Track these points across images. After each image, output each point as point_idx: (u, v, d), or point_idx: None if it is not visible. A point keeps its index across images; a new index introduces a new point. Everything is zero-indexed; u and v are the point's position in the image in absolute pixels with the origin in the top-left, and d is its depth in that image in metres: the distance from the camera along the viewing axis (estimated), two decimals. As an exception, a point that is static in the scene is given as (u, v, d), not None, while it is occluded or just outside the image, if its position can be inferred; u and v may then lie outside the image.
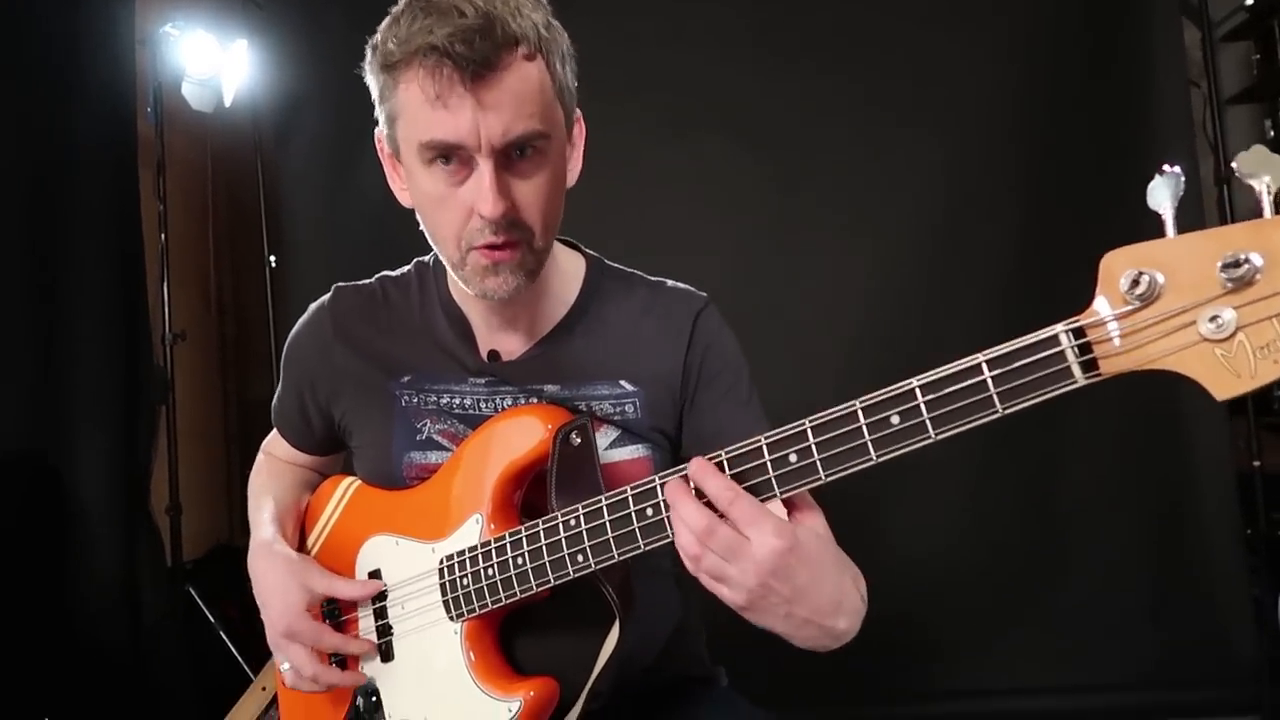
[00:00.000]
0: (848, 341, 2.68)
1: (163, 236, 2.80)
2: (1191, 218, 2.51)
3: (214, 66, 2.82)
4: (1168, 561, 2.65)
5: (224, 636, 2.80)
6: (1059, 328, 0.70)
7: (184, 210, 3.20)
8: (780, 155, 2.74)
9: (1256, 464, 2.68)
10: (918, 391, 0.76)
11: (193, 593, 2.82)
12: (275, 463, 1.34)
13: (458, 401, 1.17)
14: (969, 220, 2.67)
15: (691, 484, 0.86)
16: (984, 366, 0.73)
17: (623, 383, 1.16)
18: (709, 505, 0.84)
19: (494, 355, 1.18)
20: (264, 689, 1.36)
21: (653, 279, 1.24)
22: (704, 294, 1.23)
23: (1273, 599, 2.59)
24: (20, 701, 2.20)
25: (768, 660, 1.39)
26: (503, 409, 1.15)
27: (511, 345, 1.18)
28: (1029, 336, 0.71)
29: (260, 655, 2.82)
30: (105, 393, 2.61)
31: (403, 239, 1.27)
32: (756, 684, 1.36)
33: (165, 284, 2.81)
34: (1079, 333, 0.70)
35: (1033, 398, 0.71)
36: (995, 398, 0.72)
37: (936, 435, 0.75)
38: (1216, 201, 2.67)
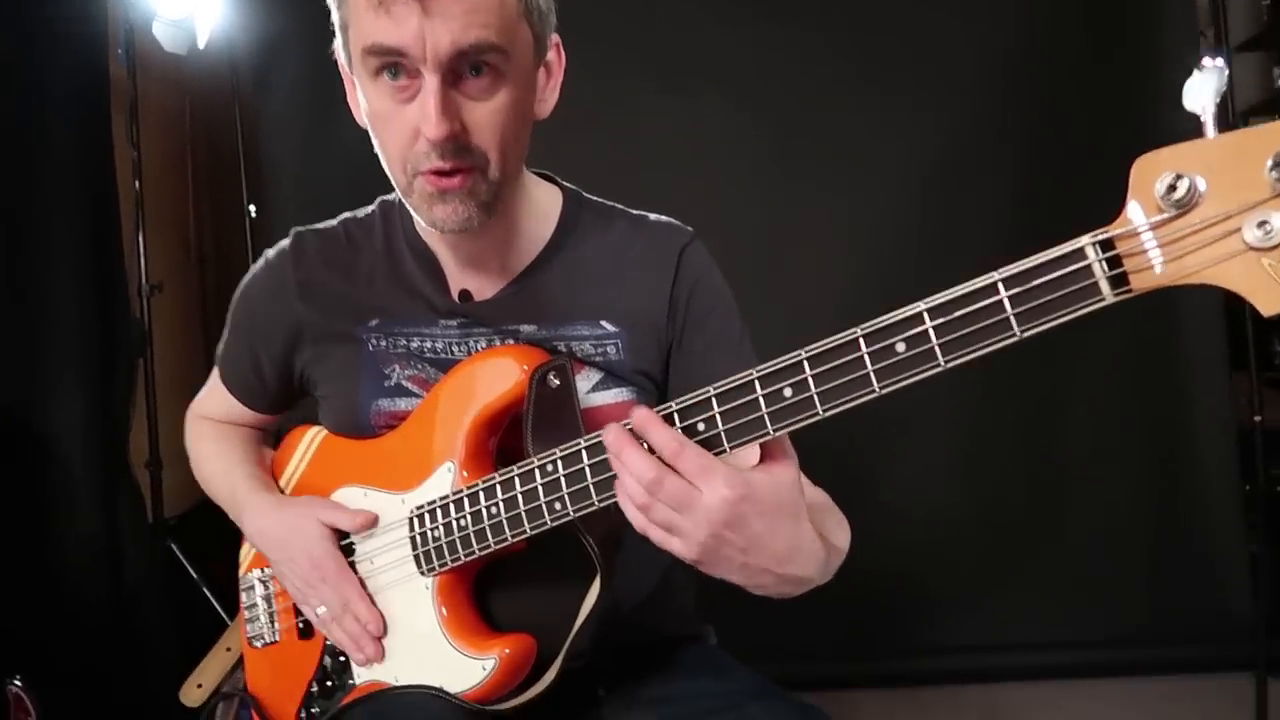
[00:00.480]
0: (839, 294, 2.63)
1: (137, 184, 2.70)
2: None
3: (187, 6, 2.71)
4: (1165, 516, 2.65)
5: (208, 593, 2.76)
6: (1085, 240, 0.63)
7: (161, 158, 3.10)
8: (773, 110, 2.67)
9: (1258, 419, 2.65)
10: (925, 315, 0.69)
11: (175, 549, 2.76)
12: (216, 426, 1.28)
13: (428, 345, 1.10)
14: (965, 172, 2.62)
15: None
16: (1000, 286, 0.66)
17: (604, 323, 1.09)
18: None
19: (465, 295, 1.11)
20: (229, 650, 1.30)
21: (634, 212, 1.17)
22: (689, 228, 1.16)
23: (1270, 555, 2.58)
24: (-2, 660, 2.15)
25: (756, 617, 1.35)
26: (476, 350, 1.08)
27: (484, 284, 1.11)
28: (1050, 251, 0.64)
29: (244, 613, 2.79)
30: (81, 346, 2.51)
31: (385, 188, 1.21)
32: (745, 640, 1.32)
33: (141, 233, 2.71)
34: (1107, 244, 0.63)
35: (1055, 318, 0.64)
36: (1012, 319, 0.66)
37: (947, 362, 0.68)
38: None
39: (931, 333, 0.69)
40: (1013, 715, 2.43)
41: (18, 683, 1.82)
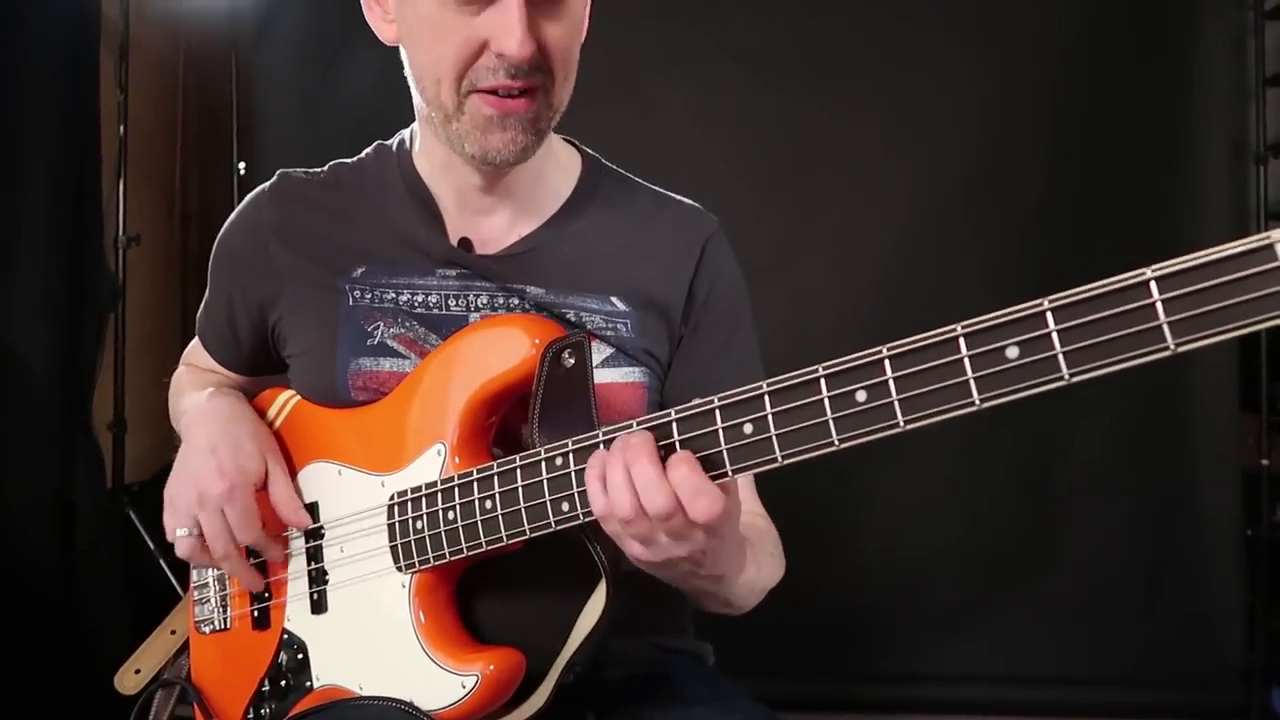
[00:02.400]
0: (855, 296, 2.57)
1: (121, 129, 2.58)
2: (1228, 198, 2.47)
3: (186, -57, 2.59)
4: (1162, 556, 2.61)
5: (164, 566, 2.63)
6: (1275, 235, 0.50)
7: (149, 105, 2.97)
8: (796, 99, 2.59)
9: (1265, 462, 2.60)
10: (1049, 316, 0.57)
11: (133, 517, 2.63)
12: (199, 372, 1.16)
13: (420, 299, 0.99)
14: (994, 179, 2.57)
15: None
16: (1153, 286, 0.54)
17: (614, 299, 0.99)
18: None
19: (465, 244, 1.00)
20: (173, 632, 1.18)
21: (657, 189, 1.09)
22: (715, 217, 1.08)
23: (1268, 605, 2.52)
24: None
25: (752, 636, 1.29)
26: (477, 306, 0.97)
27: (489, 233, 1.01)
28: (1223, 248, 0.51)
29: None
30: (48, 294, 2.39)
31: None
32: (740, 659, 1.24)
33: (122, 181, 2.58)
34: None
35: (1224, 330, 0.52)
36: (1166, 329, 0.53)
37: (1072, 376, 0.57)
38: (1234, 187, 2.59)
39: (1055, 336, 0.57)
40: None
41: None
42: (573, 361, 0.82)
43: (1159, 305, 0.54)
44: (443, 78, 0.88)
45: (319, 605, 0.95)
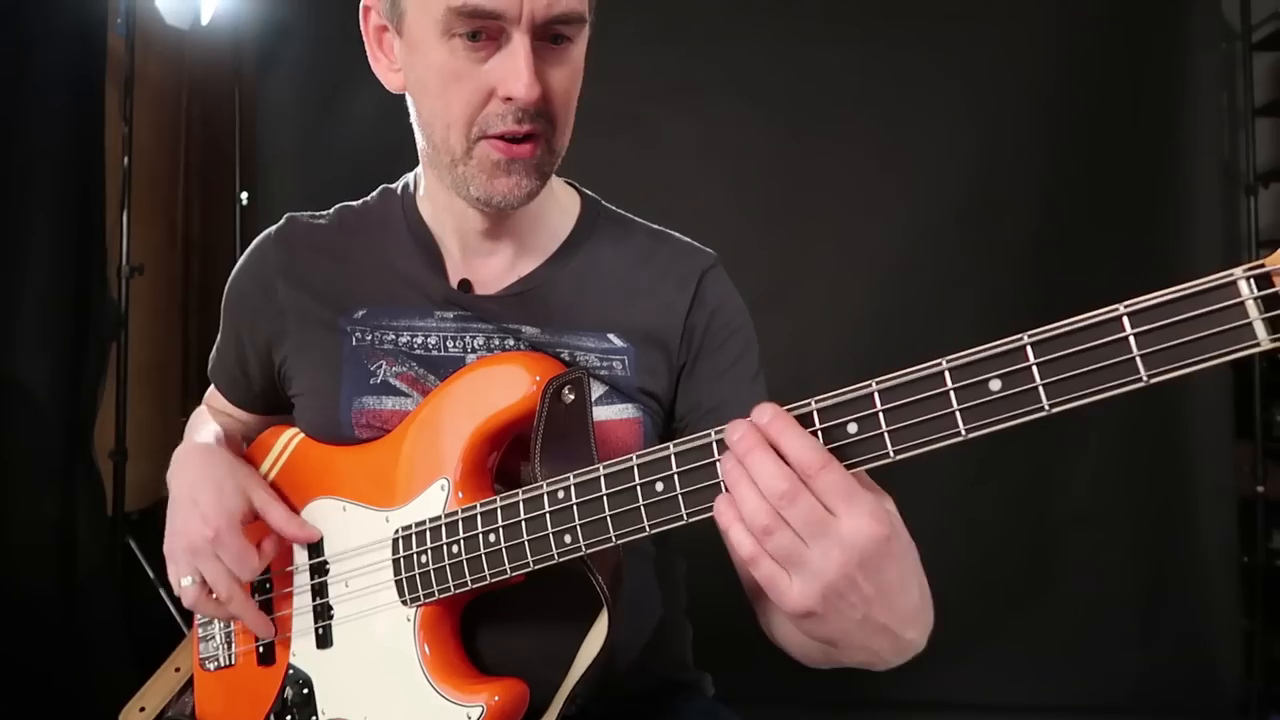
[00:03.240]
0: (851, 325, 2.60)
1: (126, 160, 2.60)
2: (1219, 227, 2.48)
3: (193, -21, 2.63)
4: (1159, 584, 2.62)
5: (164, 595, 2.63)
6: (1237, 273, 0.54)
7: (153, 135, 3.00)
8: (795, 131, 2.64)
9: (1260, 490, 2.61)
10: (1029, 350, 0.60)
11: (133, 545, 2.64)
12: (210, 415, 1.18)
13: (419, 340, 1.00)
14: (986, 212, 2.61)
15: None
16: (1125, 321, 0.57)
17: (611, 336, 1.01)
18: None
19: (465, 285, 1.02)
20: (177, 670, 1.18)
21: (654, 227, 1.10)
22: (712, 251, 1.09)
23: (1265, 633, 2.53)
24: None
25: (751, 666, 1.30)
26: (473, 348, 0.99)
27: (488, 275, 1.03)
28: (1191, 285, 0.55)
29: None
30: (51, 322, 2.41)
31: (387, 181, 1.13)
32: (740, 689, 1.24)
33: (125, 212, 2.60)
34: (1265, 281, 0.54)
35: (1193, 363, 0.55)
36: (1139, 361, 0.57)
37: (1052, 406, 0.59)
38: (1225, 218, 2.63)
39: (1036, 370, 0.60)
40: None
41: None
42: (572, 397, 0.84)
43: (1132, 339, 0.57)
44: (452, 124, 0.90)
45: (324, 640, 0.96)
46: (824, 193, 2.62)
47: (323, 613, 0.96)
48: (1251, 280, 0.54)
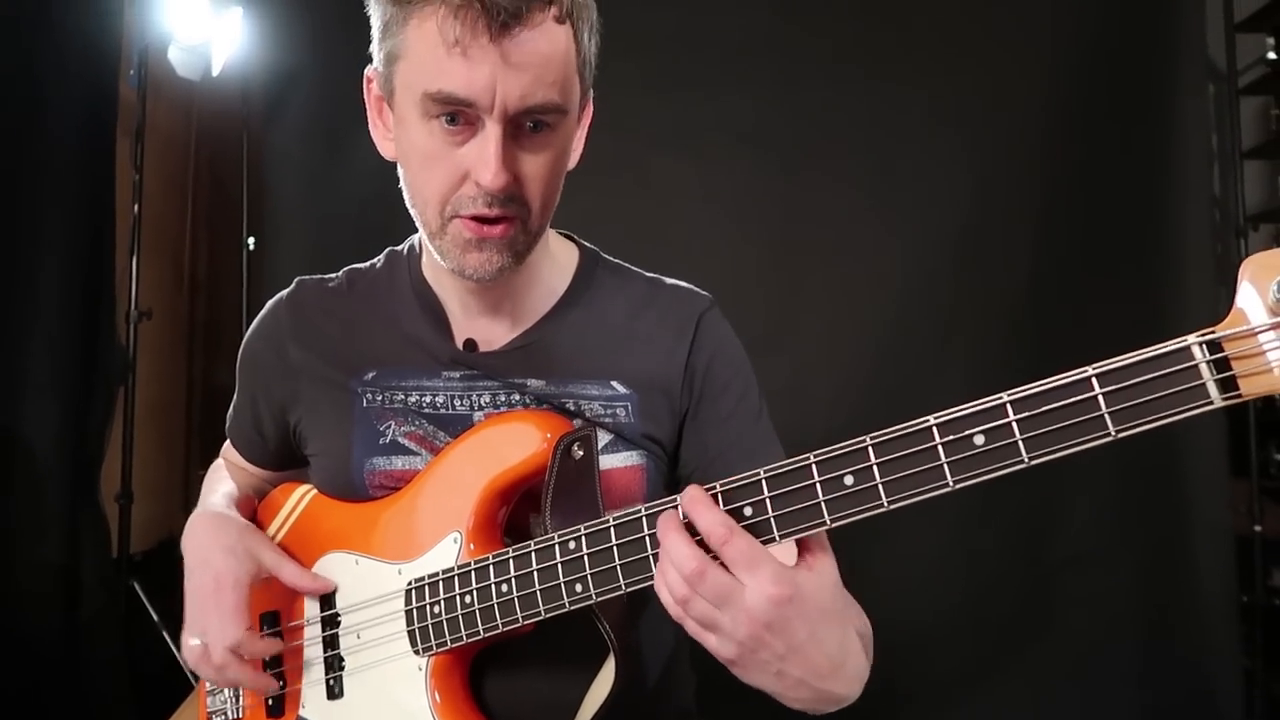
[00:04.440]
0: (849, 364, 2.58)
1: (136, 207, 2.65)
2: (1211, 270, 2.50)
3: (205, 32, 2.69)
4: (1158, 623, 2.59)
5: (166, 636, 2.64)
6: (1191, 339, 0.61)
7: (161, 182, 3.05)
8: (791, 174, 2.66)
9: (1257, 528, 2.63)
10: (1009, 408, 0.65)
11: (136, 587, 2.65)
12: (225, 470, 1.21)
13: (428, 399, 1.04)
14: (981, 253, 2.61)
15: (682, 515, 0.76)
16: (1094, 381, 0.63)
17: (614, 384, 1.04)
18: (700, 543, 0.74)
19: (470, 345, 1.06)
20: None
21: (650, 275, 1.14)
22: (708, 294, 1.12)
23: (1265, 668, 2.53)
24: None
25: (750, 705, 1.27)
26: (480, 405, 1.02)
27: (492, 334, 1.06)
28: (1151, 349, 0.62)
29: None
30: (60, 367, 2.44)
31: (390, 229, 1.18)
32: None
33: (135, 258, 2.65)
34: (1215, 346, 0.60)
35: (1155, 419, 0.62)
36: (1108, 418, 0.63)
37: (1031, 459, 0.65)
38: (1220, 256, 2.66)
39: (1015, 426, 0.66)
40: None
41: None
42: (581, 453, 0.87)
43: (1100, 398, 0.63)
44: (429, 200, 0.94)
45: (334, 691, 0.99)
46: (820, 235, 2.64)
47: (333, 664, 0.99)
48: (1204, 345, 0.60)
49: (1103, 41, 2.59)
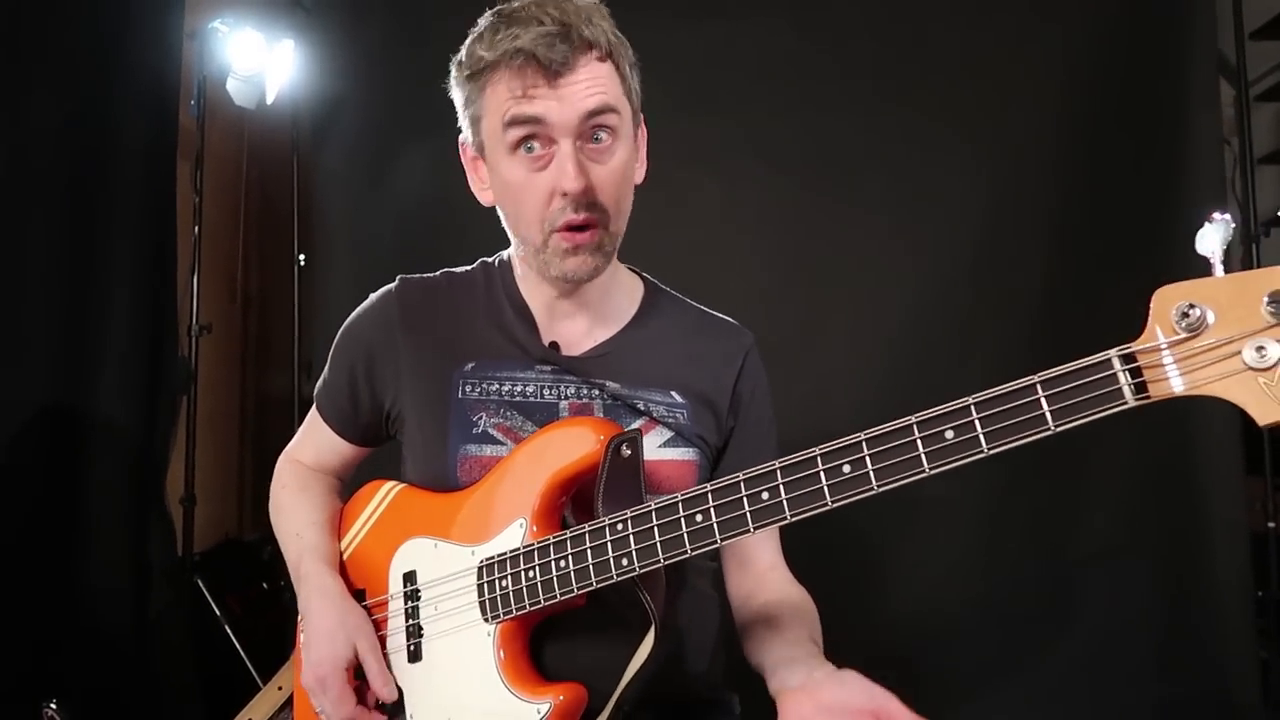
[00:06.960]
0: (870, 376, 2.66)
1: (196, 228, 2.82)
2: (1219, 273, 2.54)
3: (259, 64, 2.86)
4: (1175, 619, 2.62)
5: (228, 630, 2.80)
6: (1112, 353, 0.76)
7: (217, 204, 3.21)
8: (812, 192, 2.74)
9: (1271, 525, 2.67)
10: (973, 408, 0.80)
11: (200, 584, 2.81)
12: (300, 472, 1.36)
13: (519, 389, 1.20)
14: (998, 264, 2.67)
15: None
16: (1038, 387, 0.78)
17: (673, 393, 1.22)
18: None
19: (554, 346, 1.23)
20: (280, 689, 1.35)
21: (703, 308, 1.34)
22: (751, 332, 1.32)
23: (1280, 662, 2.57)
24: (24, 685, 2.18)
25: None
26: (565, 396, 1.19)
27: (572, 338, 1.24)
28: (1083, 360, 0.77)
29: (261, 651, 2.82)
30: (129, 379, 2.60)
31: (432, 246, 1.31)
32: (765, 708, 1.35)
33: (196, 276, 2.81)
34: (1130, 358, 0.75)
35: (1084, 416, 0.76)
36: (1048, 415, 0.78)
37: (990, 449, 0.80)
38: (1241, 260, 2.69)
39: (978, 423, 0.80)
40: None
41: (53, 706, 1.85)
42: (629, 452, 1.03)
43: (1043, 400, 0.78)
44: (530, 223, 1.13)
45: (415, 655, 1.14)
46: (841, 249, 2.71)
47: (414, 631, 1.14)
48: (1120, 358, 0.75)
49: (1117, 50, 2.65)
